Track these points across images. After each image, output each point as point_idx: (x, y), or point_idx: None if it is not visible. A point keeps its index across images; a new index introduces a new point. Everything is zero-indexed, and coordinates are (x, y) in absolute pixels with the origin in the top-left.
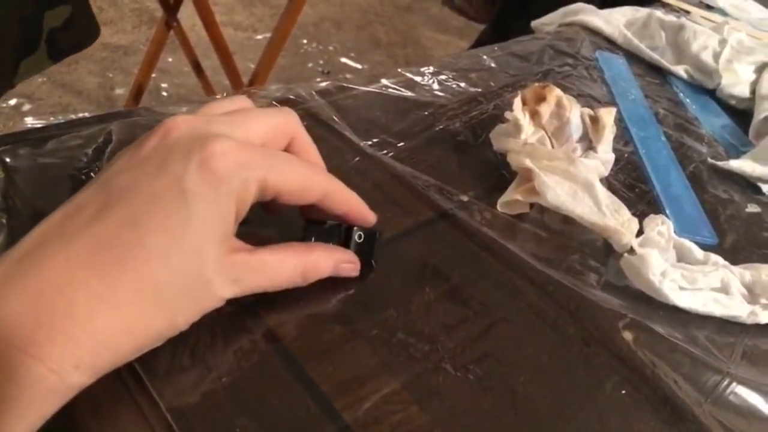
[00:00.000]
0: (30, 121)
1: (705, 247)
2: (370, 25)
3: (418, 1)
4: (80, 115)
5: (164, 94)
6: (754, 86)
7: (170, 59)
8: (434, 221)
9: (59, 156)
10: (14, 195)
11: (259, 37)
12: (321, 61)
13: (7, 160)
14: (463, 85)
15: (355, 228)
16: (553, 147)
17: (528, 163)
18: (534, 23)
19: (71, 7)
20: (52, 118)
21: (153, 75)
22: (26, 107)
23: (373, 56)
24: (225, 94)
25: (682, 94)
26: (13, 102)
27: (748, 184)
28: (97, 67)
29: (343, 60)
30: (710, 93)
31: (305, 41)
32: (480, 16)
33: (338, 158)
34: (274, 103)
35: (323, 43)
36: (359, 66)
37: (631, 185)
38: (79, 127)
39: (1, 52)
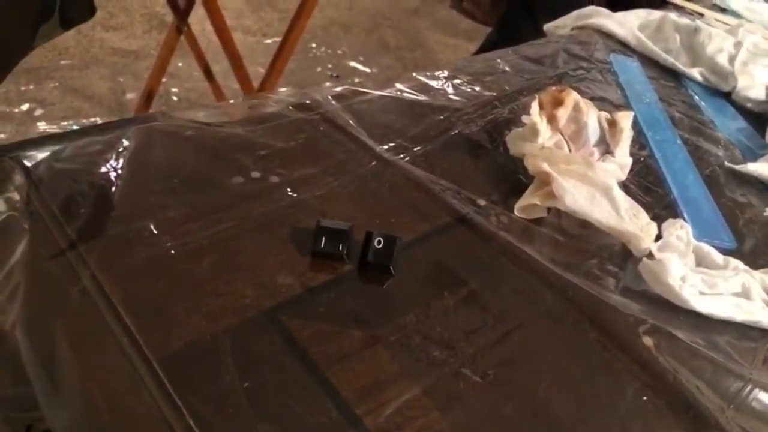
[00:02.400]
0: (42, 126)
1: (724, 252)
2: (379, 28)
3: (426, 5)
4: (92, 119)
5: (174, 98)
6: None
7: (180, 64)
8: (451, 225)
9: (78, 161)
10: (36, 200)
11: (268, 41)
12: (330, 65)
13: (29, 166)
14: (477, 89)
15: (375, 233)
16: (570, 151)
17: (545, 167)
18: (546, 27)
19: None
20: (64, 123)
21: (163, 80)
22: (38, 112)
23: (382, 60)
24: (239, 98)
25: (697, 97)
26: (25, 107)
27: (765, 188)
28: (108, 72)
29: (352, 64)
30: (726, 96)
31: (314, 45)
32: (488, 19)
33: (355, 163)
34: (290, 107)
35: (332, 47)
36: (368, 70)
37: (648, 189)
38: (97, 133)
39: (25, 15)
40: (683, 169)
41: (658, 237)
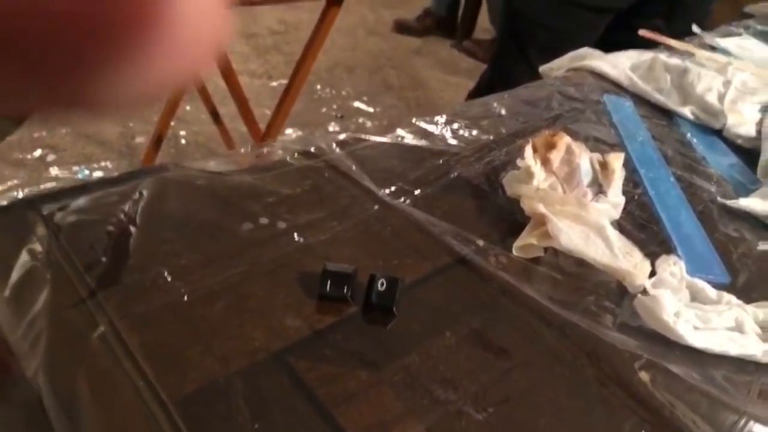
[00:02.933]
0: (55, 171)
1: (717, 286)
2: (382, 69)
3: (427, 45)
4: (103, 163)
5: (183, 141)
6: (759, 126)
7: (188, 107)
8: (452, 266)
9: (97, 212)
10: (56, 251)
11: (274, 84)
12: (335, 106)
13: (50, 217)
14: (475, 132)
15: (378, 276)
16: (564, 192)
17: (541, 208)
18: (542, 69)
19: None
20: (75, 168)
21: (172, 123)
22: (51, 158)
23: (385, 99)
24: (248, 147)
25: (689, 135)
26: (38, 153)
27: (758, 222)
28: (119, 117)
29: (356, 104)
30: (717, 133)
31: (319, 87)
32: (488, 57)
33: (358, 207)
34: (296, 155)
35: (336, 88)
36: (371, 109)
37: (642, 226)
38: (113, 184)
39: None
40: (676, 206)
41: (653, 273)
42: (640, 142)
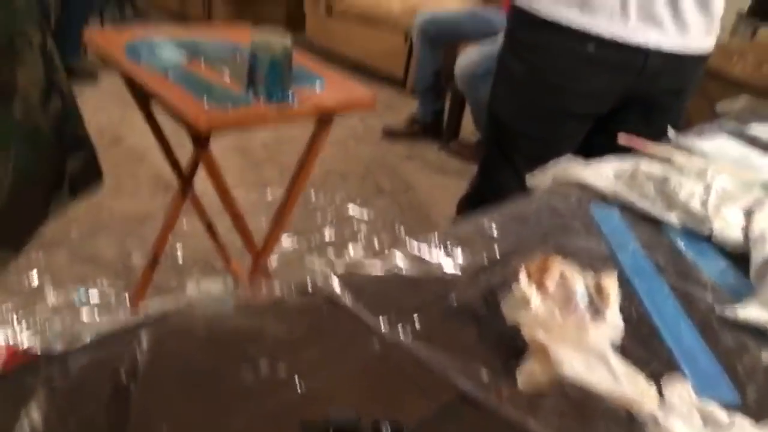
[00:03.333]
0: (51, 301)
1: (728, 406)
2: (373, 174)
3: (415, 149)
4: (98, 279)
5: (179, 259)
6: (745, 230)
7: (185, 221)
8: (456, 404)
9: (96, 371)
10: (55, 417)
11: (270, 197)
12: (329, 213)
13: (48, 380)
14: (469, 254)
15: (381, 423)
16: (562, 317)
17: (541, 335)
18: (528, 183)
19: (84, 159)
20: (72, 289)
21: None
22: (46, 279)
23: (378, 202)
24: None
25: (678, 240)
26: (34, 276)
27: (759, 331)
28: (116, 237)
29: (350, 209)
30: (706, 238)
31: (313, 194)
32: (475, 157)
33: (358, 344)
34: (293, 292)
35: (330, 195)
36: (366, 215)
37: (644, 342)
38: (112, 339)
39: (40, 190)
40: (675, 318)
41: (660, 391)
42: (631, 253)
